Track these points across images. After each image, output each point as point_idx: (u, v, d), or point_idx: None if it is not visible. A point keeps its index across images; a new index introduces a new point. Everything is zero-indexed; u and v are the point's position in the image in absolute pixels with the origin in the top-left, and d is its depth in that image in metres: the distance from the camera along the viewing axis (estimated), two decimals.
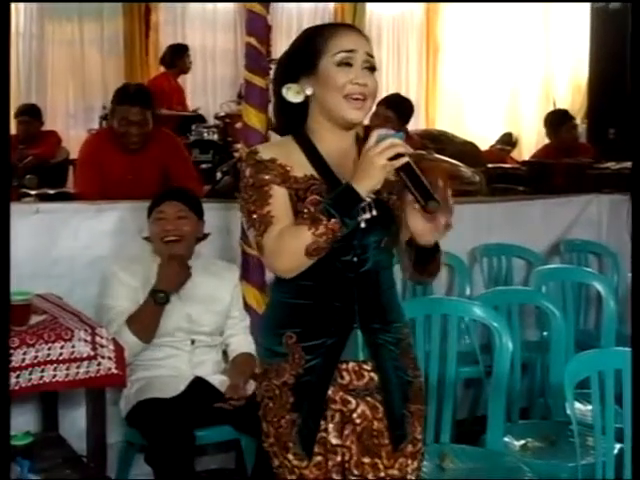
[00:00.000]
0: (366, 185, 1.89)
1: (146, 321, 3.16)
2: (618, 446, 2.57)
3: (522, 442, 3.03)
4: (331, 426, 2.03)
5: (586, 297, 4.33)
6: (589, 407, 2.82)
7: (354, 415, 2.04)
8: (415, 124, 8.48)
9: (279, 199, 1.98)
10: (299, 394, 2.01)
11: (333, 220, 1.89)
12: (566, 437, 3.02)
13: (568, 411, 2.57)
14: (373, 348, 2.05)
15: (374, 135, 1.92)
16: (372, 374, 2.05)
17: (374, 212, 2.00)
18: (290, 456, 2.03)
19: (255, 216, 1.98)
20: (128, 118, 4.03)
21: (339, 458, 2.03)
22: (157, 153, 4.14)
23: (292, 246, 1.93)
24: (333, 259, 2.00)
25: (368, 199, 1.99)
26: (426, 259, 2.01)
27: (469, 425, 4.00)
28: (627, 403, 2.48)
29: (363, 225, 2.00)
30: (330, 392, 2.02)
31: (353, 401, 2.04)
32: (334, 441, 2.03)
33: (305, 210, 1.96)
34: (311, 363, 2.01)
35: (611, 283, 4.07)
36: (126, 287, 3.23)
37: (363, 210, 1.99)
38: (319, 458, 2.03)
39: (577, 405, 2.66)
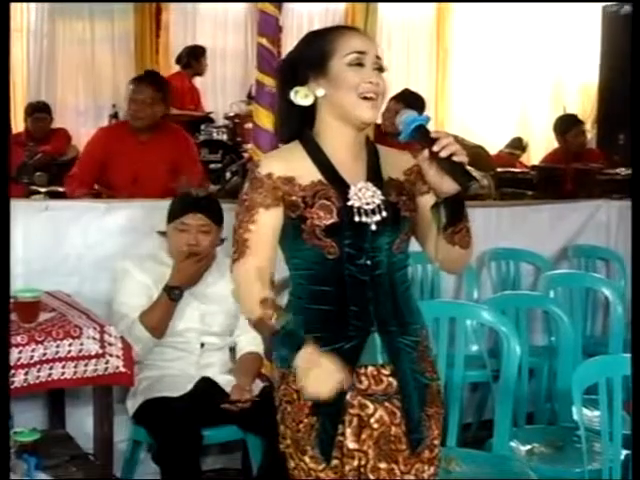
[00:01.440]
0: None
1: (159, 317, 3.17)
2: (625, 452, 2.57)
3: (528, 447, 3.03)
4: (349, 431, 2.02)
5: (594, 302, 4.32)
6: (596, 413, 2.82)
7: (372, 420, 2.03)
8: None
9: (262, 227, 2.00)
10: None
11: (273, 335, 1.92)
12: (573, 443, 3.02)
13: (575, 417, 2.57)
14: (392, 351, 2.04)
15: (402, 116, 1.94)
16: (390, 379, 2.04)
17: (384, 214, 2.01)
18: (307, 459, 2.03)
19: (237, 236, 2.02)
20: (137, 98, 4.18)
21: (356, 462, 2.03)
22: (166, 146, 4.22)
23: (245, 303, 2.00)
24: (347, 263, 2.00)
25: (377, 201, 2.00)
26: (455, 215, 1.97)
27: (475, 429, 4.00)
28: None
29: (374, 227, 2.00)
30: (348, 397, 2.02)
31: (371, 406, 2.03)
32: (351, 445, 2.02)
33: (314, 216, 1.98)
34: None
35: (619, 289, 4.05)
36: (138, 284, 3.24)
37: (373, 212, 2.00)
38: (336, 462, 2.02)
39: (584, 411, 2.65)
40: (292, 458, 2.05)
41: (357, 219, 2.00)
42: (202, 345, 3.28)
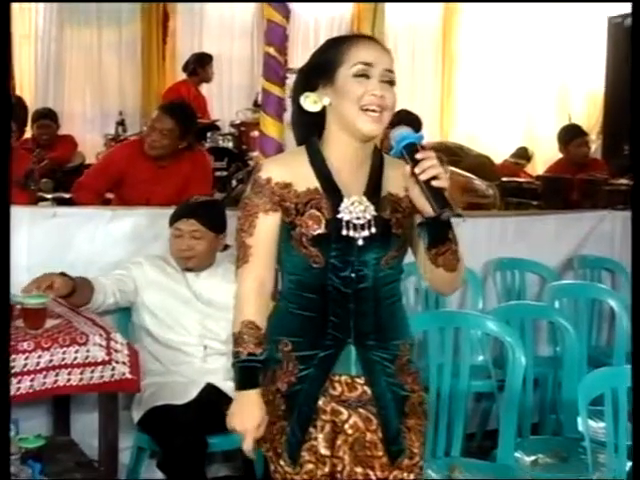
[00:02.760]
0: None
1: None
2: (630, 464, 2.56)
3: (533, 458, 3.03)
4: (321, 436, 2.04)
5: (599, 313, 4.32)
6: (601, 424, 2.81)
7: (346, 426, 2.04)
8: (430, 136, 8.50)
9: (262, 231, 2.04)
10: (291, 402, 2.04)
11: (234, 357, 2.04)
12: (577, 454, 3.01)
13: (580, 428, 2.57)
14: (366, 364, 2.05)
15: (395, 132, 1.95)
16: (365, 387, 2.05)
17: (373, 230, 2.02)
18: (282, 462, 2.04)
19: (239, 241, 2.07)
20: (156, 127, 4.17)
21: (327, 469, 2.04)
22: (183, 171, 4.26)
23: (235, 314, 2.08)
24: (331, 274, 2.02)
25: (368, 216, 2.01)
26: (437, 237, 1.96)
27: (479, 439, 4.00)
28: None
29: (361, 242, 2.01)
30: (321, 402, 2.04)
31: (345, 412, 2.04)
32: (323, 451, 2.04)
33: (303, 225, 2.00)
34: (304, 373, 2.03)
35: (624, 299, 4.05)
36: (143, 275, 3.30)
37: (362, 227, 2.01)
38: (310, 466, 2.04)
39: (589, 422, 2.65)
40: (272, 461, 2.06)
41: (345, 232, 2.00)
42: (205, 348, 3.29)
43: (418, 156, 1.90)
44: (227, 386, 3.24)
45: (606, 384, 2.55)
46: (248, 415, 2.01)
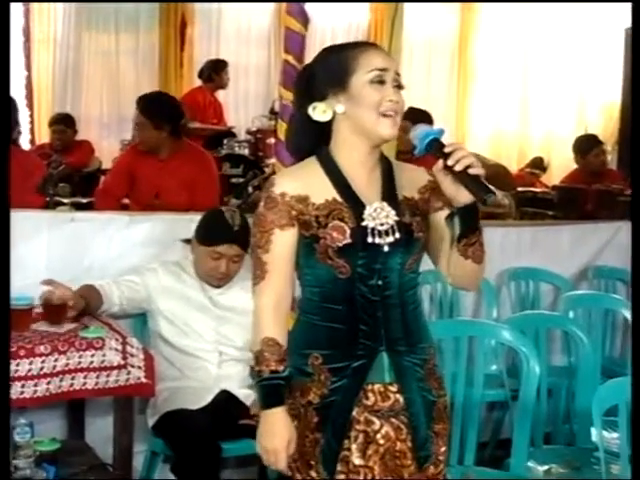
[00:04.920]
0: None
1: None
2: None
3: (546, 467, 3.02)
4: (354, 446, 2.03)
5: (613, 324, 4.31)
6: (614, 435, 2.80)
7: (378, 436, 2.04)
8: None
9: (278, 246, 2.02)
10: (324, 414, 2.03)
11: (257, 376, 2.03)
12: (590, 464, 3.00)
13: (594, 438, 2.57)
14: (399, 370, 2.05)
15: (417, 131, 1.96)
16: (397, 395, 2.05)
17: (397, 235, 2.02)
18: (313, 473, 2.04)
19: (256, 257, 2.05)
20: (134, 121, 4.43)
21: (361, 478, 2.04)
22: (184, 164, 4.31)
23: (253, 333, 2.07)
24: (358, 283, 2.01)
25: (391, 222, 2.01)
26: (469, 226, 1.97)
27: (492, 448, 3.99)
28: None
29: (386, 249, 2.01)
30: (355, 413, 2.03)
31: (377, 422, 2.04)
32: (357, 461, 2.03)
33: (327, 237, 1.98)
34: (337, 384, 2.02)
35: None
36: (157, 281, 3.31)
37: (386, 233, 2.01)
38: (342, 477, 2.03)
39: (603, 433, 2.64)
40: (299, 472, 2.05)
41: (370, 240, 2.00)
42: (220, 354, 3.30)
43: (447, 149, 1.91)
44: (241, 393, 3.26)
45: (620, 395, 2.54)
46: (277, 434, 1.99)
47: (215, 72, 7.65)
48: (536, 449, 3.17)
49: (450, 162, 1.90)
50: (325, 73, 2.05)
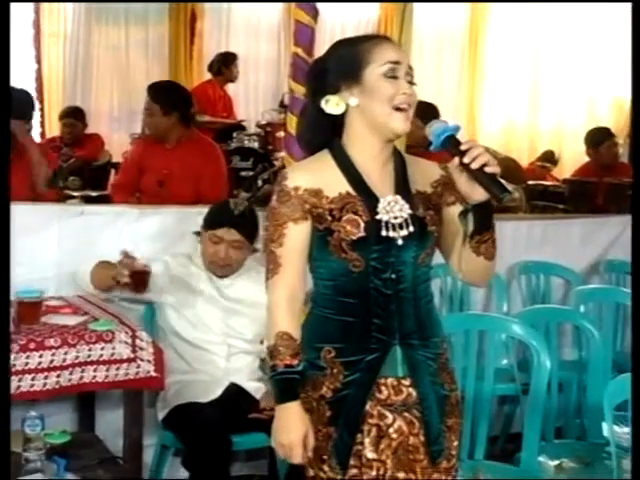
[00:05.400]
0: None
1: (104, 277, 3.25)
2: None
3: (557, 462, 3.01)
4: (367, 440, 2.03)
5: (624, 318, 4.29)
6: (625, 429, 2.79)
7: (390, 430, 2.03)
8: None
9: (292, 239, 2.01)
10: (336, 408, 2.02)
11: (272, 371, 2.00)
12: (601, 459, 2.99)
13: (605, 433, 2.56)
14: (412, 364, 2.04)
15: (433, 127, 1.95)
16: (410, 389, 2.05)
17: (411, 228, 2.01)
18: (326, 468, 2.03)
19: (268, 251, 2.04)
20: (144, 107, 4.40)
21: (374, 472, 2.03)
22: (190, 153, 4.33)
23: (268, 327, 2.05)
24: (372, 277, 2.00)
25: (405, 215, 2.01)
26: (483, 223, 1.97)
27: (502, 442, 3.98)
28: None
29: (400, 242, 2.00)
30: (368, 407, 2.03)
31: (390, 416, 2.03)
32: (370, 455, 2.03)
33: (341, 230, 1.98)
34: (350, 378, 2.01)
35: None
36: (167, 273, 3.32)
37: (400, 227, 2.00)
38: (354, 471, 2.03)
39: (614, 427, 2.63)
40: (311, 467, 2.05)
41: (384, 233, 1.99)
42: (229, 346, 3.29)
43: (464, 147, 1.90)
44: (251, 386, 3.26)
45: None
46: (292, 428, 1.98)
47: (225, 65, 7.64)
48: (547, 443, 3.17)
49: (466, 160, 1.89)
50: (338, 66, 2.04)
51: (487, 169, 1.88)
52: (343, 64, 2.03)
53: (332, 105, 2.03)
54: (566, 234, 4.60)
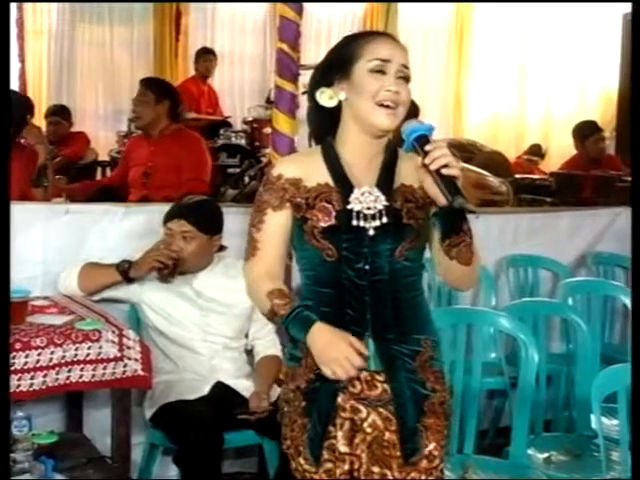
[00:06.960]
0: None
1: (96, 277, 3.25)
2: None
3: (546, 455, 3.02)
4: (340, 434, 2.03)
5: (612, 310, 4.30)
6: (614, 422, 2.80)
7: (365, 424, 2.03)
8: (443, 133, 8.48)
9: (271, 226, 2.04)
10: (310, 399, 2.03)
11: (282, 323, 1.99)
12: (590, 451, 3.01)
13: (594, 425, 2.56)
14: (386, 359, 2.03)
15: (405, 126, 1.95)
16: (385, 385, 2.04)
17: (384, 220, 2.01)
18: (301, 460, 2.04)
19: (249, 236, 2.08)
20: (135, 98, 4.58)
21: (347, 467, 2.03)
22: (174, 147, 4.45)
23: (257, 299, 2.06)
24: (345, 267, 2.01)
25: (379, 206, 2.01)
26: (451, 227, 1.94)
27: (492, 436, 3.99)
28: None
29: (372, 233, 2.00)
30: (340, 400, 2.03)
31: (364, 410, 2.03)
32: (342, 449, 2.03)
33: (314, 218, 2.00)
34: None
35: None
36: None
37: (373, 217, 2.00)
38: (329, 465, 2.03)
39: (602, 419, 2.64)
40: (292, 459, 2.05)
41: (355, 223, 2.00)
42: (210, 345, 3.28)
43: (428, 147, 1.89)
44: (238, 384, 3.25)
45: (620, 381, 2.53)
46: (334, 341, 1.91)
47: (195, 61, 7.68)
48: (536, 437, 3.17)
49: (427, 160, 1.88)
50: (333, 60, 2.07)
51: (444, 171, 1.87)
52: (336, 58, 2.06)
53: (325, 98, 2.05)
54: (553, 227, 4.60)
